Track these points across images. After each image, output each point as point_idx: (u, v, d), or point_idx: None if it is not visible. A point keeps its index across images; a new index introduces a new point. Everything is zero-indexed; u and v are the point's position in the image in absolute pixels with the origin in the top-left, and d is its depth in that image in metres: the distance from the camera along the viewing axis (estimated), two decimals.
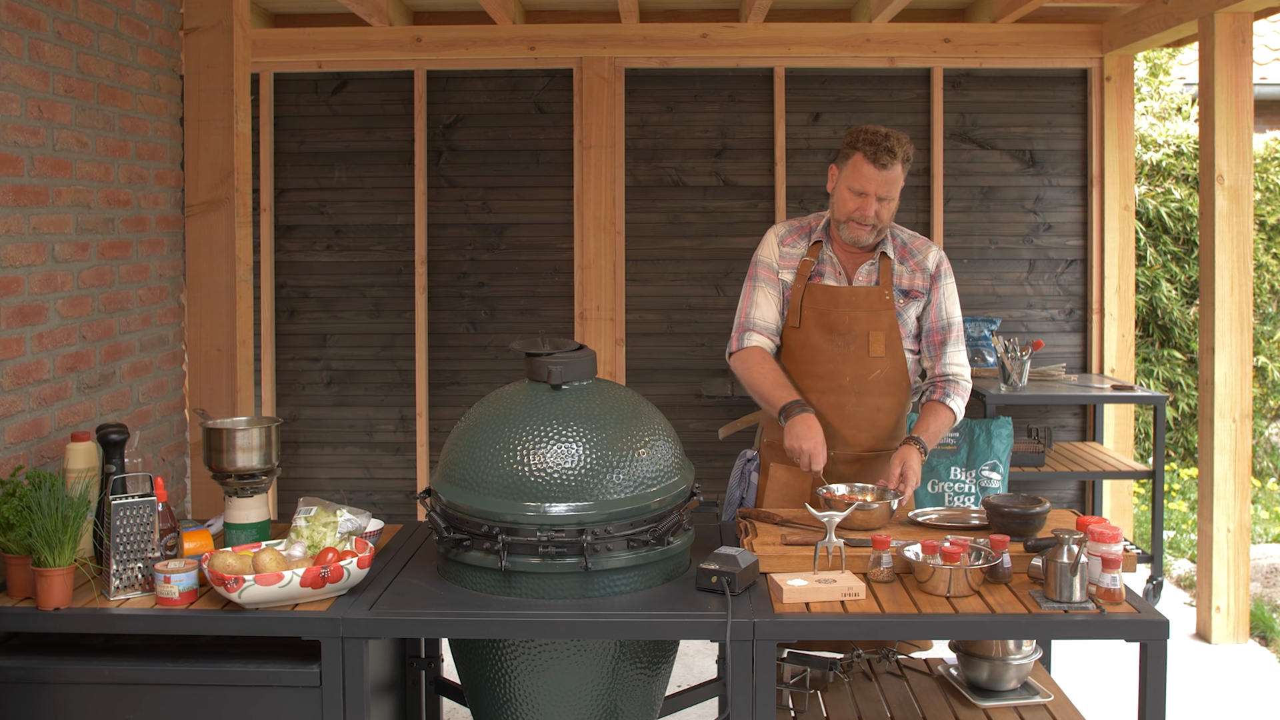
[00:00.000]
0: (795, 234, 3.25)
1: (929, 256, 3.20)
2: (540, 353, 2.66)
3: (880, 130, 3.09)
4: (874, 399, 3.16)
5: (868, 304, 3.13)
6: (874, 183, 3.05)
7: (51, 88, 3.08)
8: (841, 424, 3.15)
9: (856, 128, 3.13)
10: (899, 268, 3.17)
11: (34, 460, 2.98)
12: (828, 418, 3.14)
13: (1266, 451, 7.55)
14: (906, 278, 3.17)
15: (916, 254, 3.20)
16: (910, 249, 3.21)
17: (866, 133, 3.08)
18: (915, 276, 3.18)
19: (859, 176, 3.06)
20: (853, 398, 3.14)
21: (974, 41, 5.69)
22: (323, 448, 5.87)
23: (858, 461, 3.18)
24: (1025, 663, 2.83)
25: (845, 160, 3.12)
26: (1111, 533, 2.46)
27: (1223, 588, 4.66)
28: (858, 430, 3.17)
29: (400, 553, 2.84)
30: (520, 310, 5.83)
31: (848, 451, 3.17)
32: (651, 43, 5.69)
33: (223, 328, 3.87)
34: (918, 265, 3.19)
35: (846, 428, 3.16)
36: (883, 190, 3.06)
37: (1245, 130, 4.62)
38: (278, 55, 5.69)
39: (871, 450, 3.19)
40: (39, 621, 2.45)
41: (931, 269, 3.19)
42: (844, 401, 3.14)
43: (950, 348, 3.19)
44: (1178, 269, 7.36)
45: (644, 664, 2.63)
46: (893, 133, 3.08)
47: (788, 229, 3.27)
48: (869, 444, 3.19)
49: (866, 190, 3.06)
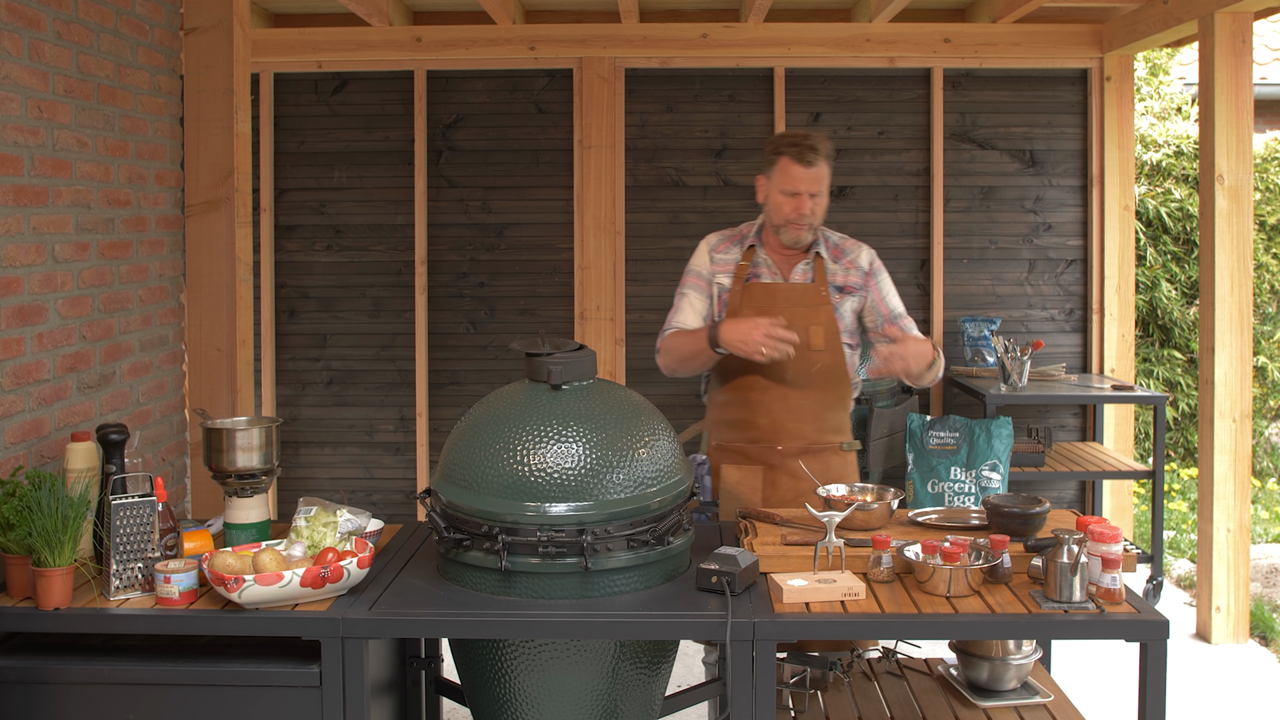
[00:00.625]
0: (727, 241, 3.39)
1: (861, 255, 3.35)
2: (540, 353, 2.66)
3: (799, 132, 3.29)
4: (816, 392, 3.26)
5: (805, 299, 3.25)
6: (804, 181, 3.19)
7: (51, 88, 3.08)
8: (787, 418, 3.24)
9: (776, 135, 3.32)
10: (833, 266, 3.31)
11: (34, 460, 2.98)
12: (774, 412, 3.24)
13: (1266, 451, 7.55)
14: (841, 275, 3.31)
15: (849, 253, 3.35)
16: (842, 249, 3.36)
17: (787, 137, 3.24)
18: (850, 274, 3.32)
19: (789, 178, 3.20)
20: (795, 392, 3.23)
21: (974, 41, 5.69)
22: (323, 448, 5.87)
23: (806, 454, 3.26)
24: (1025, 663, 2.83)
25: (772, 167, 3.25)
26: (1111, 533, 2.46)
27: (1223, 588, 4.66)
28: (803, 423, 3.26)
29: (400, 553, 2.84)
30: (520, 310, 5.83)
31: (796, 444, 3.26)
32: (651, 43, 5.69)
33: (223, 328, 3.87)
34: (851, 264, 3.33)
35: (792, 421, 3.25)
36: (813, 187, 3.20)
37: (1245, 130, 4.62)
38: (278, 55, 5.69)
39: (818, 443, 3.28)
40: (39, 621, 2.45)
41: (865, 266, 3.33)
42: (788, 395, 3.23)
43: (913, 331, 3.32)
44: (1178, 269, 7.36)
45: (644, 664, 2.63)
46: (811, 133, 3.26)
47: (720, 238, 3.41)
48: (815, 436, 3.28)
49: (799, 190, 3.19)
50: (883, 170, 5.81)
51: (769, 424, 3.24)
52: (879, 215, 5.81)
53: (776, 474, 3.26)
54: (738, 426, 3.27)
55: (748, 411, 3.26)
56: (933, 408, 5.81)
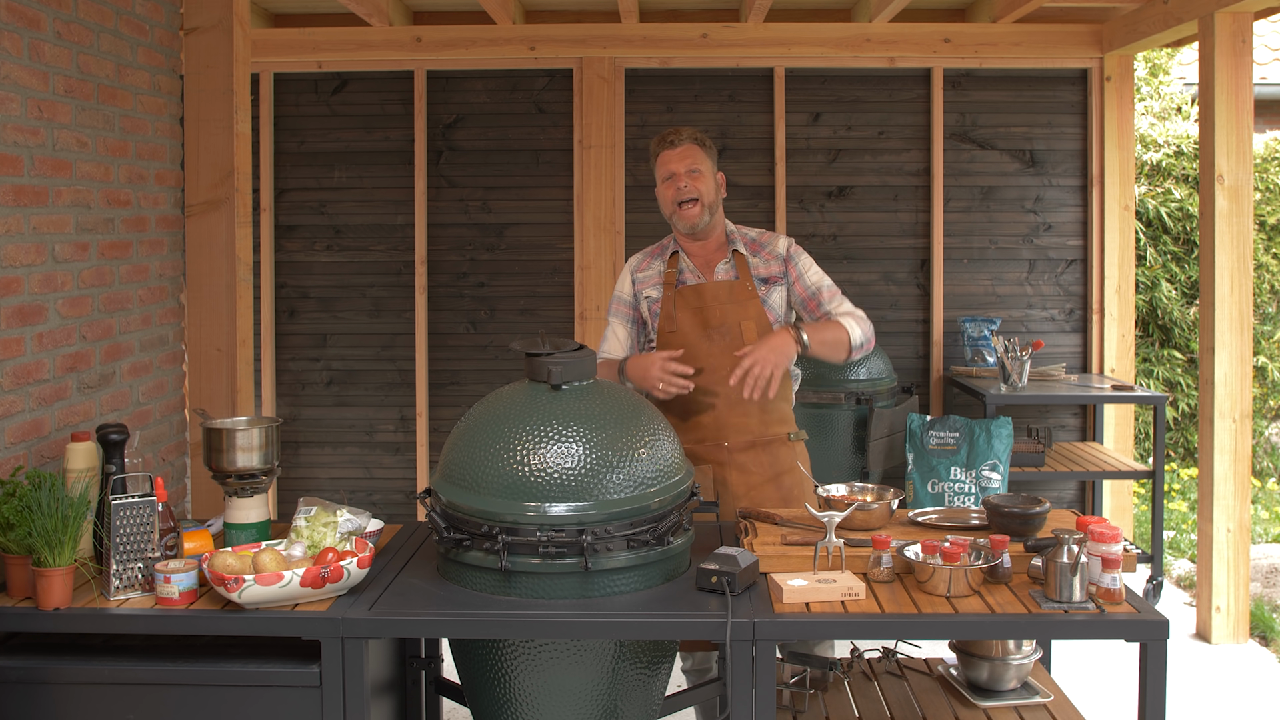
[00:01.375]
0: (648, 257, 3.48)
1: (778, 244, 3.40)
2: (540, 353, 2.66)
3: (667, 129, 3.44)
4: None
5: (733, 296, 3.30)
6: (673, 161, 3.31)
7: (51, 88, 3.08)
8: (730, 414, 3.27)
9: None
10: (753, 260, 3.37)
11: (34, 460, 2.98)
12: (717, 409, 3.27)
13: (1266, 451, 7.55)
14: (762, 267, 3.36)
15: (766, 245, 3.40)
16: (759, 243, 3.41)
17: (657, 134, 3.43)
18: (770, 264, 3.37)
19: (661, 166, 3.34)
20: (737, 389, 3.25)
21: (974, 41, 5.70)
22: (323, 448, 5.87)
23: (753, 448, 3.29)
24: (1025, 663, 2.83)
25: (653, 162, 3.39)
26: (1111, 533, 2.46)
27: (1223, 588, 4.66)
28: (747, 417, 3.28)
29: (400, 553, 2.84)
30: (520, 310, 5.83)
31: (743, 439, 3.28)
32: (651, 43, 5.69)
33: (223, 328, 3.87)
34: (770, 254, 3.38)
35: (735, 416, 3.27)
36: (683, 164, 3.30)
37: (1245, 130, 4.62)
38: (278, 55, 5.69)
39: (764, 436, 3.30)
40: (39, 621, 2.45)
41: (783, 253, 3.38)
42: (729, 392, 3.24)
43: (829, 304, 3.34)
44: (1178, 269, 7.36)
45: (644, 664, 2.63)
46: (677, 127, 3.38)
47: (641, 255, 3.51)
48: (760, 430, 3.30)
49: (674, 169, 3.30)
50: (883, 170, 5.81)
51: (713, 422, 3.28)
52: (879, 215, 5.81)
53: (726, 470, 3.29)
54: (683, 428, 3.30)
55: (691, 411, 3.29)
56: (933, 408, 5.81)
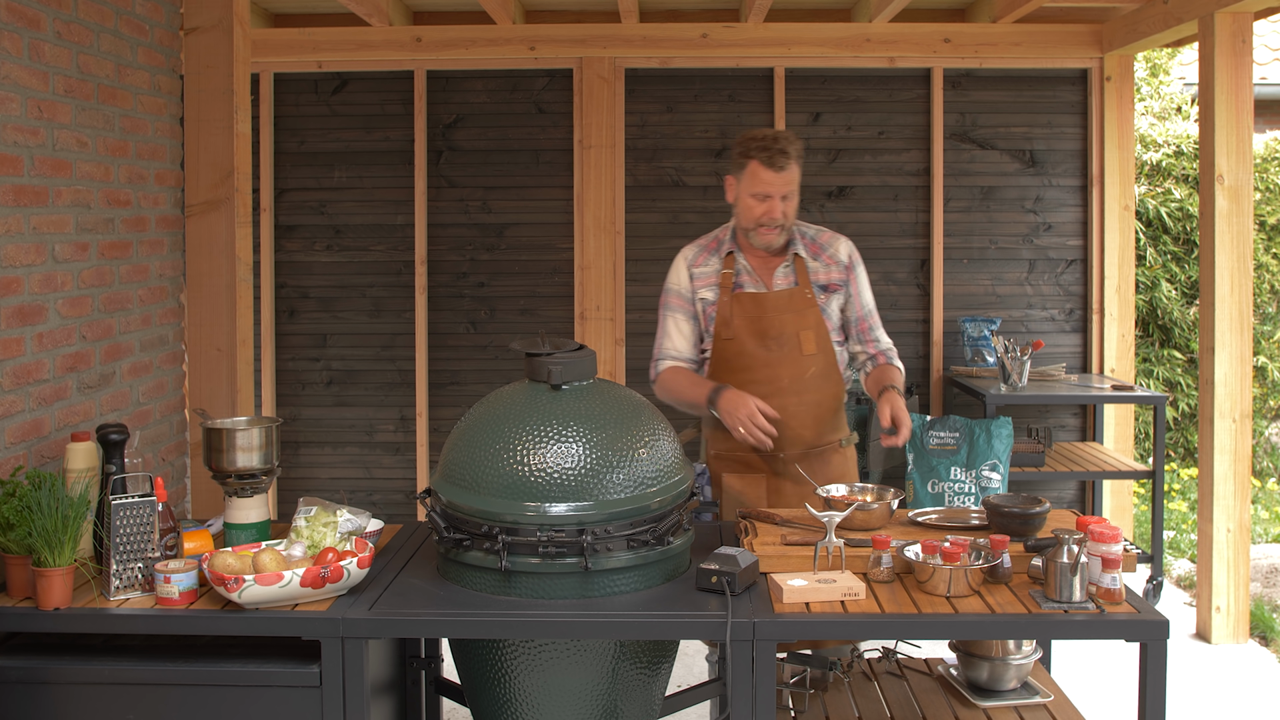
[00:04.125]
0: (704, 253, 3.33)
1: (840, 249, 3.31)
2: (540, 353, 2.66)
3: (769, 134, 3.17)
4: (812, 395, 3.24)
5: (793, 305, 3.22)
6: (775, 185, 3.14)
7: (51, 88, 3.08)
8: (786, 424, 3.20)
9: (745, 135, 3.20)
10: (813, 264, 3.27)
11: (34, 460, 2.98)
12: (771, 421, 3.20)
13: (1266, 451, 7.55)
14: (823, 273, 3.27)
15: (827, 248, 3.30)
16: (820, 244, 3.30)
17: (756, 139, 3.16)
18: (831, 270, 3.28)
19: (759, 182, 3.14)
20: (792, 398, 3.20)
21: (974, 41, 5.69)
22: (323, 448, 5.87)
23: (807, 458, 3.25)
24: (1025, 663, 2.83)
25: (741, 170, 3.19)
26: (1111, 533, 2.46)
27: (1223, 588, 4.66)
28: (802, 427, 3.24)
29: (400, 553, 2.84)
30: (520, 310, 5.83)
31: (796, 449, 3.23)
32: (651, 43, 5.69)
33: (223, 328, 3.87)
34: (831, 259, 3.29)
35: (791, 427, 3.21)
36: (783, 190, 3.15)
37: (1245, 130, 4.62)
38: (278, 55, 5.69)
39: (818, 445, 3.27)
40: (39, 621, 2.45)
41: (845, 260, 3.30)
42: (785, 403, 3.18)
43: (877, 331, 3.34)
44: (1178, 269, 7.36)
45: (644, 664, 2.63)
46: (781, 133, 3.17)
47: (696, 250, 3.35)
48: (813, 439, 3.26)
49: (770, 193, 3.14)
50: (883, 170, 5.81)
51: None
52: (879, 215, 5.81)
53: (780, 480, 3.25)
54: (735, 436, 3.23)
55: None
56: (933, 408, 5.81)
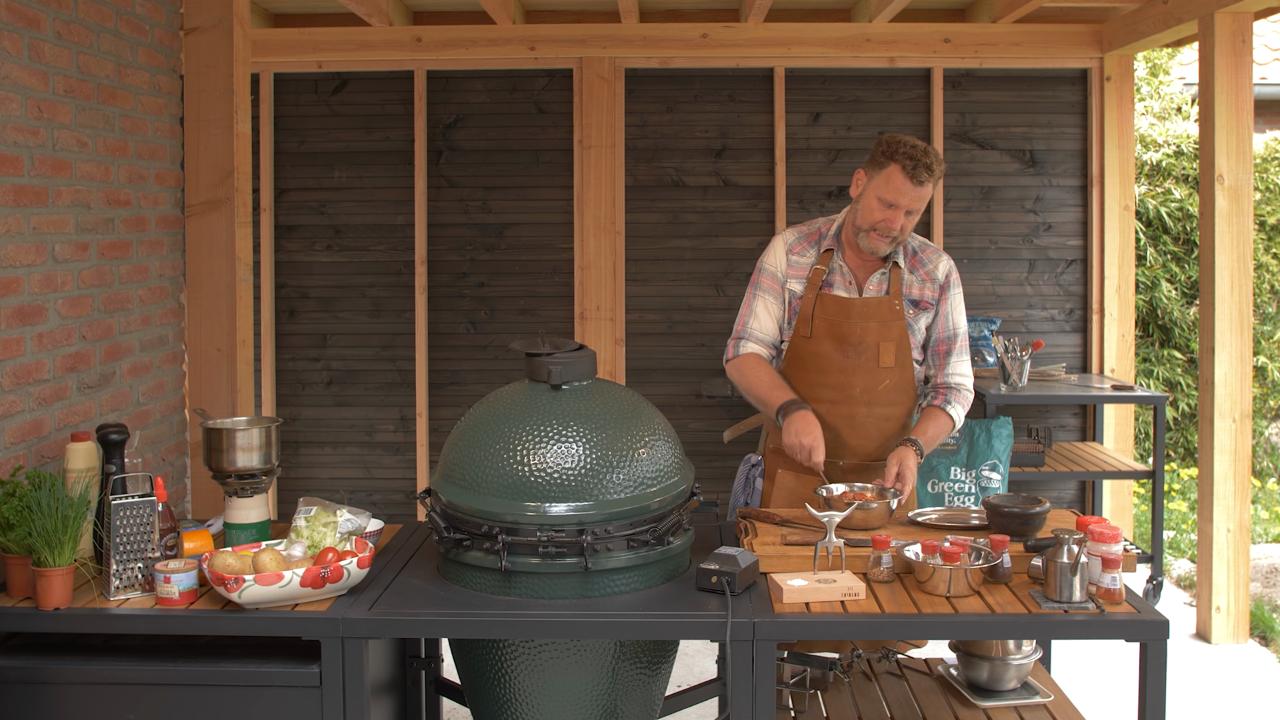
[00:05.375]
0: (804, 241, 3.20)
1: (939, 266, 3.17)
2: (540, 353, 2.66)
3: (920, 145, 3.02)
4: (882, 409, 3.15)
5: (879, 315, 3.11)
6: (907, 197, 2.99)
7: (51, 88, 3.08)
8: (850, 434, 3.14)
9: (893, 137, 3.04)
10: (909, 277, 3.15)
11: (34, 460, 2.98)
12: (837, 428, 3.13)
13: (1266, 451, 7.55)
14: (916, 288, 3.15)
15: (927, 263, 3.17)
16: (921, 258, 3.18)
17: (905, 145, 3.00)
18: (925, 286, 3.16)
19: (892, 189, 2.99)
20: (862, 408, 3.13)
21: (974, 41, 5.69)
22: (323, 448, 5.87)
23: (864, 469, 3.17)
24: (1025, 663, 2.83)
25: (879, 169, 3.03)
26: (1111, 533, 2.46)
27: (1223, 588, 4.66)
28: (866, 440, 3.16)
29: (400, 553, 2.84)
30: (520, 310, 5.83)
31: (854, 460, 3.16)
32: (651, 43, 5.69)
33: (223, 328, 3.87)
34: (928, 275, 3.16)
35: (855, 437, 3.15)
36: (914, 204, 3.01)
37: (1245, 130, 4.62)
38: (278, 55, 5.69)
39: (880, 459, 3.18)
40: (39, 621, 2.45)
41: (941, 279, 3.16)
42: (854, 412, 3.13)
43: (955, 357, 3.19)
44: (1178, 269, 7.36)
45: (644, 664, 2.63)
46: (930, 149, 3.02)
47: (797, 236, 3.22)
48: (875, 452, 3.18)
49: (898, 203, 3.00)
50: None
51: (832, 439, 3.11)
52: None
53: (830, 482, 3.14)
54: None
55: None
56: None
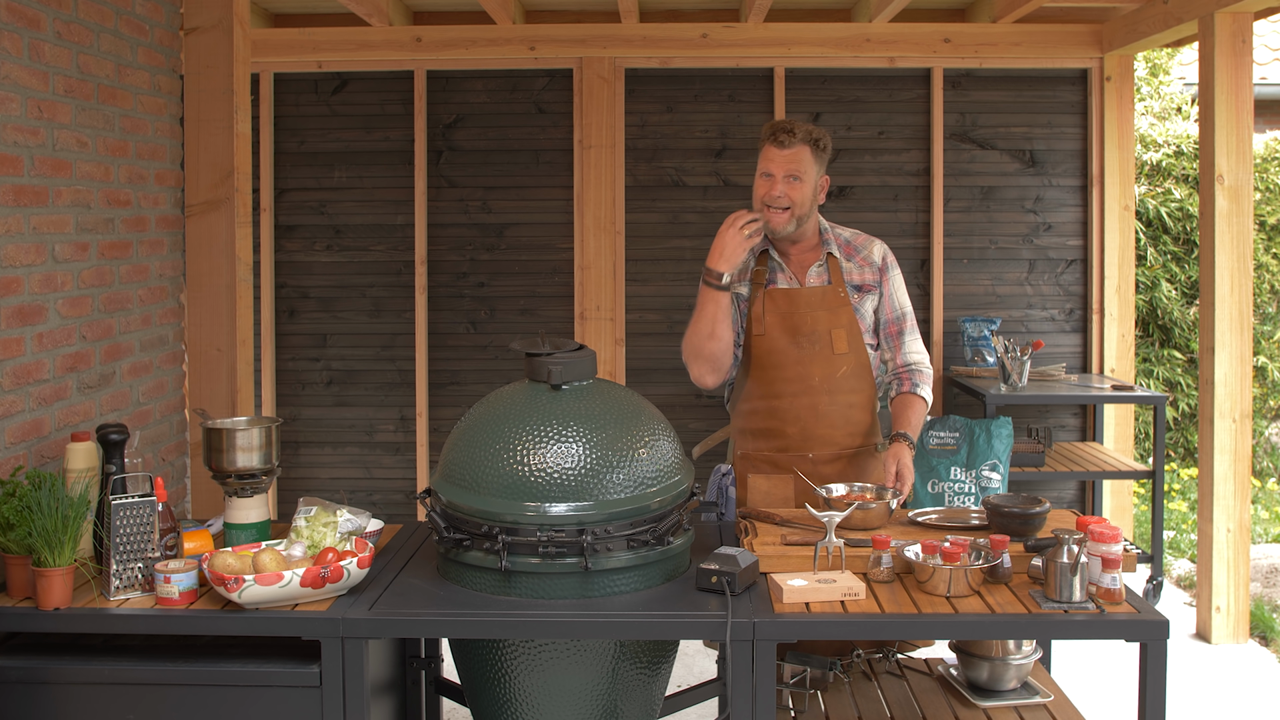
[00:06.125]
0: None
1: (874, 251, 3.29)
2: (540, 353, 2.66)
3: (785, 119, 3.25)
4: (844, 396, 3.20)
5: (825, 303, 3.19)
6: (776, 162, 3.13)
7: (51, 88, 3.08)
8: (817, 424, 3.18)
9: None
10: (847, 264, 3.25)
11: (34, 460, 2.98)
12: (803, 420, 3.17)
13: (1266, 451, 7.55)
14: (856, 273, 3.25)
15: (861, 250, 3.29)
16: (854, 245, 3.29)
17: (771, 123, 3.20)
18: (864, 271, 3.26)
19: (764, 159, 3.16)
20: (824, 397, 3.18)
21: (974, 41, 5.69)
22: (323, 448, 5.87)
23: (839, 460, 3.20)
24: (1025, 663, 2.83)
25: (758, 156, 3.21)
26: (1111, 533, 2.46)
27: (1223, 588, 4.66)
28: (833, 429, 3.20)
29: (400, 553, 2.84)
30: (520, 310, 5.83)
31: (827, 451, 3.19)
32: (651, 43, 5.69)
33: (223, 328, 3.87)
34: (865, 260, 3.27)
35: (822, 427, 3.18)
36: (785, 168, 3.12)
37: (1245, 130, 4.62)
38: (278, 55, 5.69)
39: (850, 448, 3.22)
40: (39, 621, 2.45)
41: (878, 262, 3.27)
42: (816, 402, 3.17)
43: (907, 336, 3.28)
44: (1178, 269, 7.36)
45: (644, 664, 2.63)
46: (794, 118, 3.19)
47: None
48: (846, 441, 3.22)
49: (772, 171, 3.13)
50: (883, 170, 5.81)
51: (798, 432, 3.17)
52: (879, 215, 5.81)
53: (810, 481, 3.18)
54: (765, 435, 3.20)
55: (775, 420, 3.18)
56: (933, 408, 5.80)
